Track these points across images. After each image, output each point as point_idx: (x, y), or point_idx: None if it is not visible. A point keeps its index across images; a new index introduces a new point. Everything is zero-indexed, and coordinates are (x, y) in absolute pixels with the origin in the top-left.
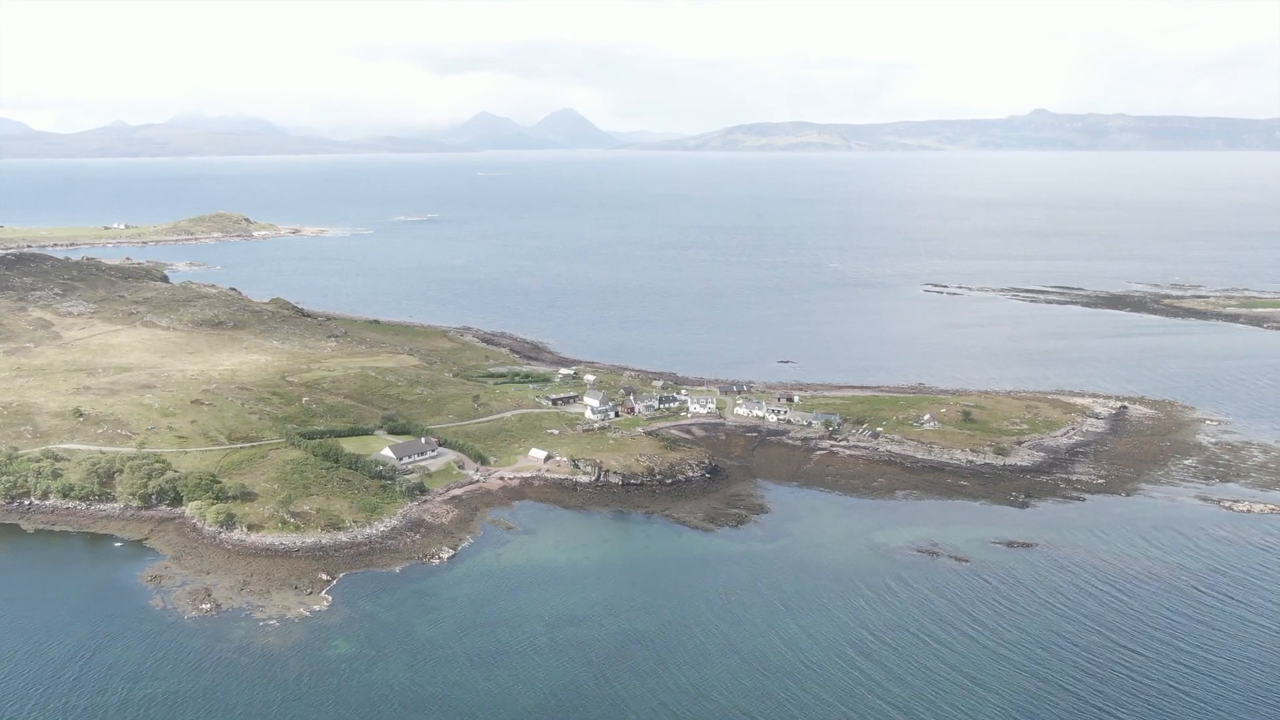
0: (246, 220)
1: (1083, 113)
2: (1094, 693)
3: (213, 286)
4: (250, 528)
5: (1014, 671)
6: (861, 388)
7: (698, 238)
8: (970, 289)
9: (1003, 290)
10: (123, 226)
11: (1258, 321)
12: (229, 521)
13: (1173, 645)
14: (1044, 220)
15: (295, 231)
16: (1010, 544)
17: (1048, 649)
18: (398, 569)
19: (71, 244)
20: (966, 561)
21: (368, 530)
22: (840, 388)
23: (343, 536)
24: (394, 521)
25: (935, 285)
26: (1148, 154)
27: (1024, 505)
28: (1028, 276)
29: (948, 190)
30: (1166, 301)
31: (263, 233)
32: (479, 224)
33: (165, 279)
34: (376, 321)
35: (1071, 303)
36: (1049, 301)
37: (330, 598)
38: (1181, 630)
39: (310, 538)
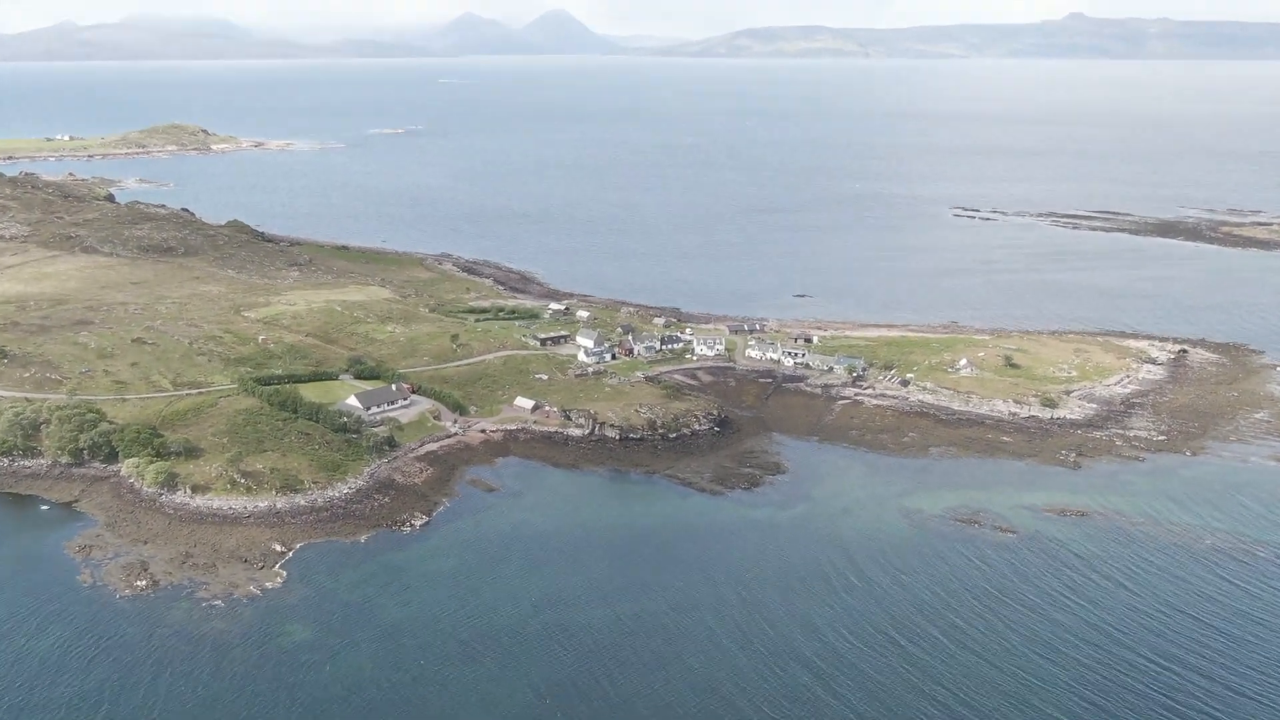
0: (204, 132)
1: (1121, 17)
2: (1175, 689)
3: (163, 207)
4: (195, 489)
5: (1075, 664)
6: (888, 326)
7: (701, 155)
8: (1005, 214)
9: (1040, 216)
10: (66, 139)
11: None
12: (170, 482)
13: (1267, 628)
14: (1084, 138)
15: (258, 145)
16: (1062, 511)
17: (1112, 636)
18: (363, 538)
19: (9, 158)
20: (1013, 533)
21: (329, 493)
22: (864, 326)
23: (300, 500)
24: (359, 482)
25: (966, 210)
26: (1193, 63)
27: (1076, 466)
28: (1067, 200)
29: (974, 104)
30: (1224, 230)
31: (222, 146)
32: (463, 138)
33: (111, 198)
34: (345, 248)
35: (1118, 230)
36: (1092, 229)
37: (285, 573)
38: (1269, 612)
39: (263, 501)
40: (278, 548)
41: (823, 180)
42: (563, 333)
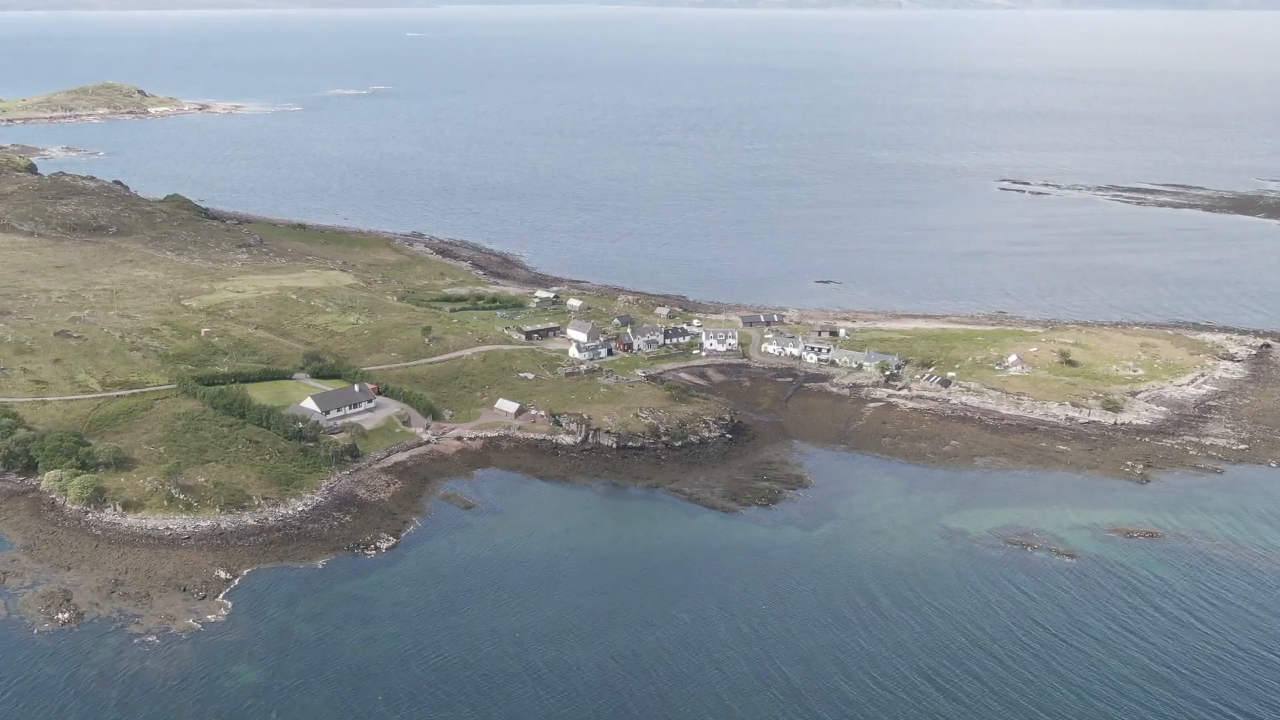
0: (141, 93)
1: None
2: None
3: (92, 179)
4: (126, 506)
5: (1149, 716)
6: (926, 317)
7: (709, 120)
8: (1059, 187)
9: (1100, 189)
10: None
11: None
12: (98, 498)
13: None
14: (1147, 100)
15: (203, 108)
16: (1128, 533)
17: (1182, 689)
18: (320, 564)
19: None
20: (1072, 557)
21: (281, 510)
22: (898, 317)
23: (248, 519)
24: (316, 498)
25: (1014, 182)
26: (1274, 13)
27: (1143, 479)
28: (1130, 172)
29: (1022, 61)
30: None
31: (161, 109)
32: (436, 100)
33: (33, 169)
34: (302, 226)
35: (1188, 206)
36: (1159, 204)
37: (230, 604)
38: None
39: (205, 520)
40: (222, 574)
41: (849, 148)
42: (551, 325)
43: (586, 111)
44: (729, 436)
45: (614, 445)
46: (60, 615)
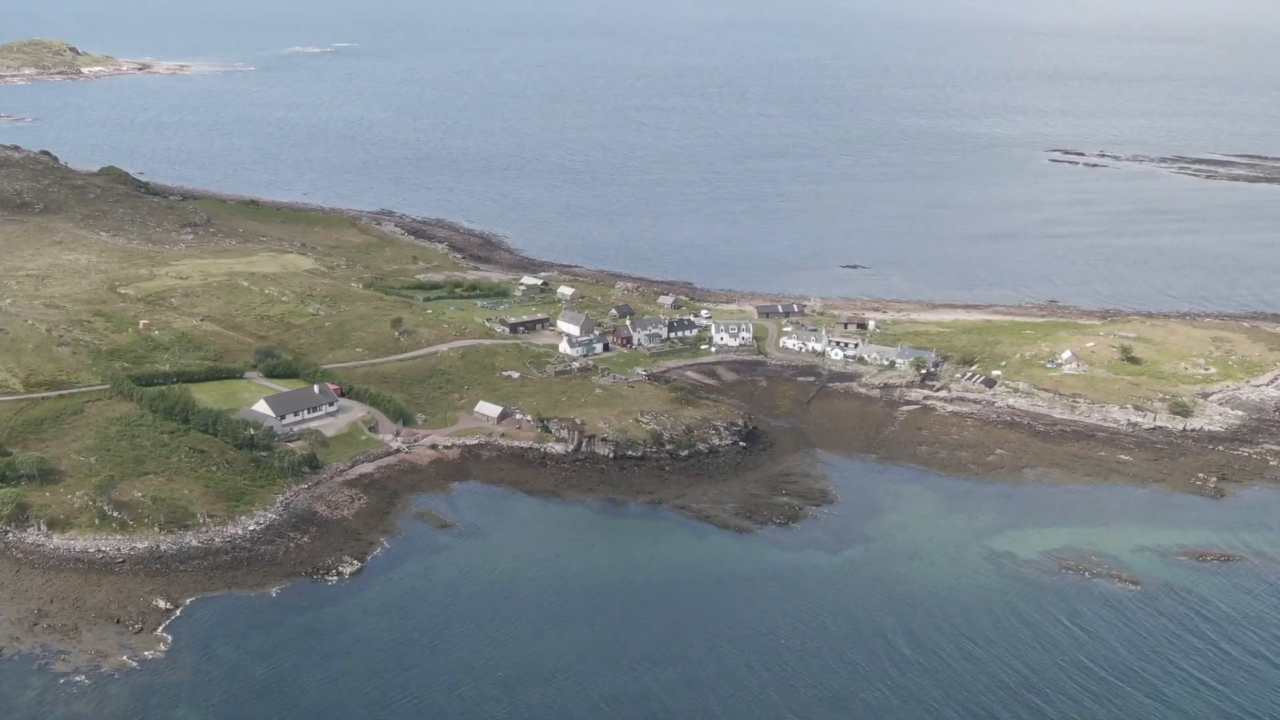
0: (73, 51)
1: None
2: None
3: (16, 150)
4: (52, 525)
5: None
6: (966, 308)
7: (716, 81)
8: (1117, 158)
9: (1163, 161)
10: None
11: None
12: (20, 515)
13: None
14: (1215, 61)
15: (143, 68)
16: (1201, 556)
17: None
18: (274, 591)
19: None
20: (1136, 585)
21: (230, 529)
22: (934, 307)
23: (192, 540)
24: (270, 515)
25: (1065, 153)
26: None
27: (1217, 494)
28: (1197, 141)
29: (1074, 15)
30: None
31: (96, 69)
32: (408, 59)
33: None
34: (254, 203)
35: (1266, 179)
36: (1232, 178)
37: (170, 638)
38: None
39: (143, 541)
40: (161, 604)
41: (878, 114)
42: (539, 316)
43: (577, 72)
44: (742, 445)
45: (611, 455)
46: None
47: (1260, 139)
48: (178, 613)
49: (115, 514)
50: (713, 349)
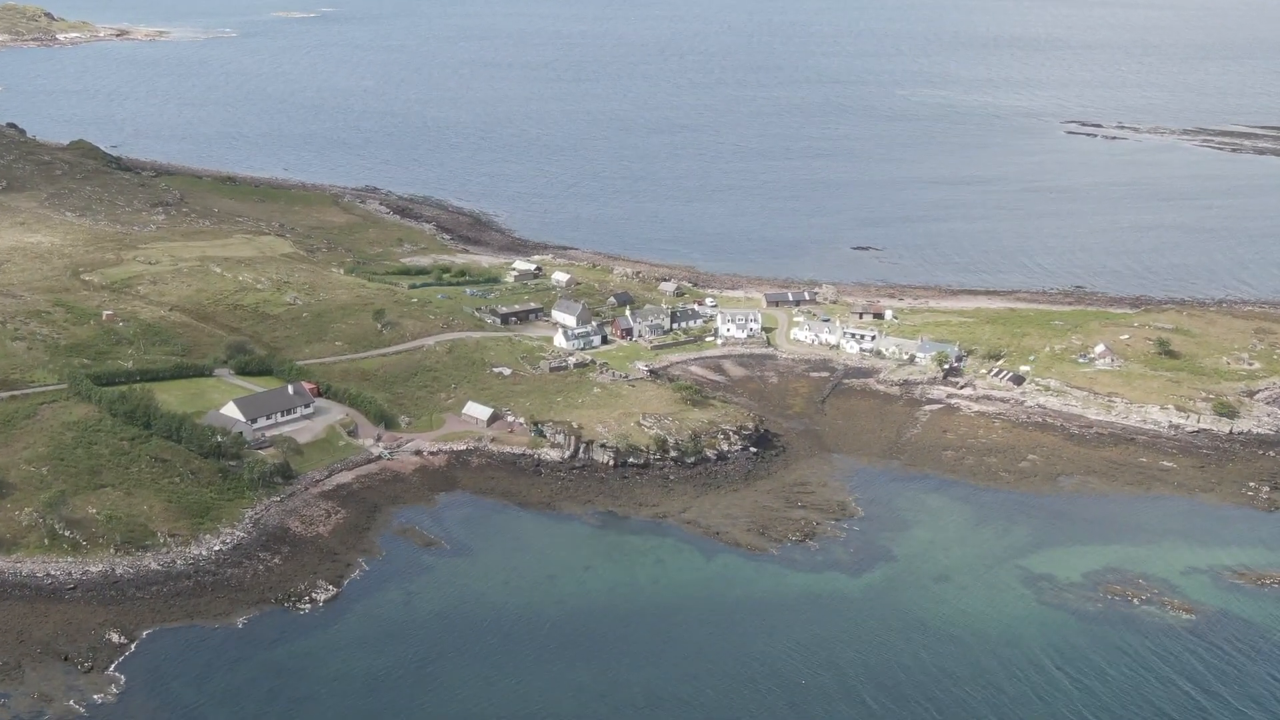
0: (47, 16)
1: None
2: None
3: None
4: None
5: None
6: (989, 294)
7: (717, 48)
8: (1138, 130)
9: (1186, 132)
10: None
11: None
12: None
13: None
14: (1240, 27)
15: (121, 34)
16: (1259, 580)
17: None
18: (241, 621)
19: None
20: (1189, 613)
21: (193, 550)
22: (955, 294)
23: (151, 562)
24: (238, 533)
25: (1084, 125)
26: None
27: (1271, 506)
28: (1223, 112)
29: None
30: None
31: (71, 35)
32: (394, 24)
33: None
34: (231, 179)
35: None
36: (1259, 151)
37: (124, 677)
38: None
39: (96, 564)
40: (114, 637)
41: (886, 85)
42: (532, 305)
43: (570, 41)
44: (753, 450)
45: (610, 462)
46: None
47: None
48: (133, 647)
49: (67, 533)
50: (719, 341)
